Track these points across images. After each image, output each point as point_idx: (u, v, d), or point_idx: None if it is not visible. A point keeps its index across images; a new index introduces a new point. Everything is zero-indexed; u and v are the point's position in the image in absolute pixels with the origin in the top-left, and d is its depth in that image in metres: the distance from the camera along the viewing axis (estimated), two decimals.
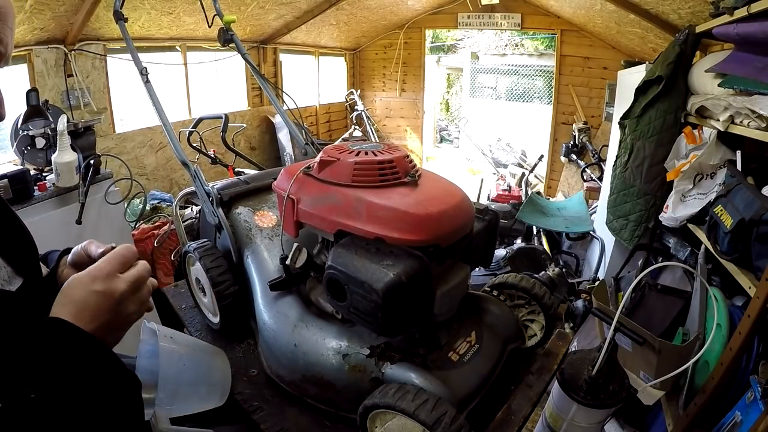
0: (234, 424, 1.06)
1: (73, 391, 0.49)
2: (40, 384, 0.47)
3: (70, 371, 0.49)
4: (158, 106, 1.43)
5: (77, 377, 0.50)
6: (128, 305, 0.56)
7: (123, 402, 0.54)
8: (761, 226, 1.21)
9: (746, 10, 1.51)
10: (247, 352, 1.25)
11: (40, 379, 0.47)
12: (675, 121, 2.03)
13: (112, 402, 0.52)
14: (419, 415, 0.81)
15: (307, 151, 1.66)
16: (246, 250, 1.29)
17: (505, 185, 4.92)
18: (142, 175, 3.63)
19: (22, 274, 0.64)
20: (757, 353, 1.19)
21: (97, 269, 0.56)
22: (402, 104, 6.39)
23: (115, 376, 0.54)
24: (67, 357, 0.50)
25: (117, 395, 0.53)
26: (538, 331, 1.23)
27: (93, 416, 0.50)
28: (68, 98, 3.00)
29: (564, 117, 5.14)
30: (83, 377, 0.50)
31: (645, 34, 3.44)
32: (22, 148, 2.02)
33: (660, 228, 2.16)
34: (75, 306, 0.53)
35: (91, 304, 0.53)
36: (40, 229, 1.78)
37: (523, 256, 3.01)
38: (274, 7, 4.04)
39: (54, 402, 0.47)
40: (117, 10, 1.50)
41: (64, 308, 0.53)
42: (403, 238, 0.90)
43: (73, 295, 0.54)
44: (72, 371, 0.49)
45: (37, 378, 0.47)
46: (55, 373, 0.48)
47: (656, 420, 1.52)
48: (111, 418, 0.52)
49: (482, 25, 5.46)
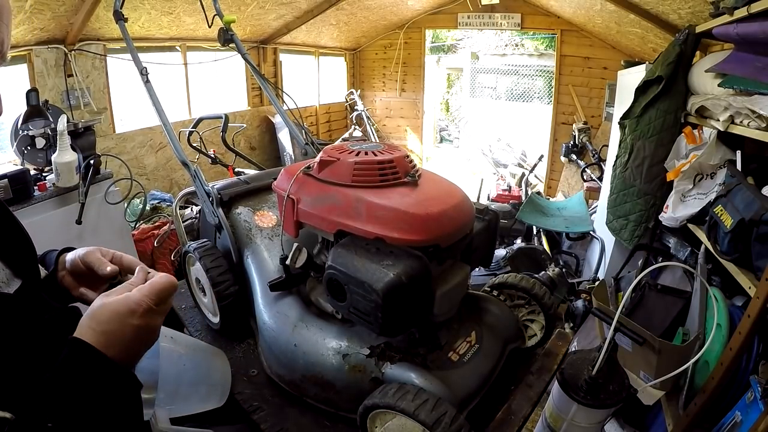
0: (234, 424, 1.05)
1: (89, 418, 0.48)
2: (60, 413, 0.46)
3: (92, 401, 0.49)
4: (158, 106, 1.43)
5: (97, 405, 0.49)
6: (157, 332, 0.56)
7: (123, 402, 0.54)
8: (761, 226, 1.21)
9: (746, 10, 1.51)
10: (247, 352, 1.25)
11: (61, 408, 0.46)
12: (675, 121, 2.03)
13: (112, 402, 0.52)
14: (419, 415, 0.81)
15: (307, 151, 1.66)
16: (246, 250, 1.29)
17: (505, 185, 4.92)
18: (142, 175, 3.63)
19: (21, 275, 0.64)
20: (757, 353, 1.19)
21: (137, 304, 0.53)
22: (402, 104, 6.39)
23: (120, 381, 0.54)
24: (91, 386, 0.49)
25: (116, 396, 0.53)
26: (538, 331, 1.23)
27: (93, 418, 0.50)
28: (68, 98, 3.00)
29: (564, 117, 5.14)
30: (101, 403, 0.49)
31: (645, 34, 3.44)
32: (22, 148, 2.01)
33: (660, 228, 2.16)
34: (107, 336, 0.51)
35: (126, 337, 0.52)
36: (40, 229, 1.79)
37: (523, 256, 3.01)
38: (274, 7, 4.04)
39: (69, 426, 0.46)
40: (117, 10, 1.50)
41: (94, 334, 0.51)
42: (403, 238, 0.90)
43: (108, 325, 0.52)
44: (94, 401, 0.49)
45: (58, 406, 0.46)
46: (77, 404, 0.47)
47: (656, 420, 1.52)
48: (111, 418, 0.52)
49: (482, 25, 5.46)
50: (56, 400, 0.47)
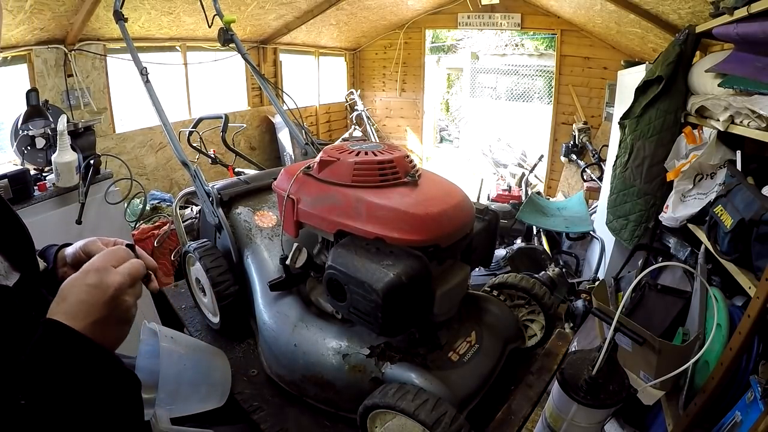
0: (234, 424, 1.05)
1: (66, 395, 0.48)
2: (30, 390, 0.46)
3: (62, 375, 0.48)
4: (158, 106, 1.43)
5: (70, 381, 0.48)
6: (125, 298, 0.55)
7: (123, 402, 0.54)
8: (761, 226, 1.21)
9: (746, 10, 1.51)
10: (247, 352, 1.25)
11: (30, 385, 0.46)
12: (675, 121, 2.03)
13: (112, 402, 0.52)
14: (419, 415, 0.81)
15: (307, 151, 1.66)
16: (246, 250, 1.29)
17: (505, 185, 4.92)
18: (142, 175, 3.63)
19: (20, 269, 0.64)
20: (757, 353, 1.19)
21: (90, 264, 0.55)
22: (402, 104, 6.39)
23: (114, 376, 0.53)
24: (59, 360, 0.48)
25: (116, 395, 0.53)
26: (538, 331, 1.23)
27: (91, 417, 0.49)
28: (68, 98, 3.00)
29: (564, 117, 5.14)
30: (77, 380, 0.49)
31: (645, 34, 3.44)
32: (22, 148, 2.02)
33: (660, 228, 2.16)
34: (69, 304, 0.52)
35: (85, 300, 0.52)
36: (40, 229, 1.79)
37: (523, 256, 3.01)
38: (274, 7, 4.04)
39: (45, 407, 0.46)
40: (117, 10, 1.50)
41: (58, 307, 0.52)
42: (403, 238, 0.90)
43: (68, 292, 0.53)
44: (64, 375, 0.48)
45: (27, 383, 0.46)
46: (46, 378, 0.47)
47: (656, 420, 1.52)
48: (111, 418, 0.52)
49: (482, 25, 5.46)
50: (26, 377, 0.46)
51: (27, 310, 0.57)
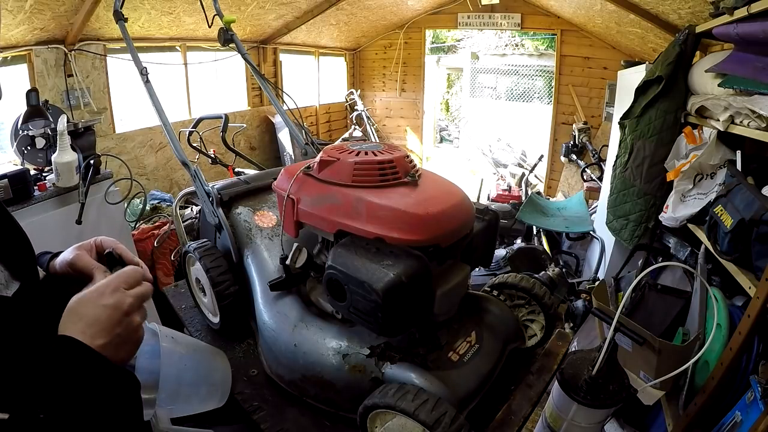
0: (234, 424, 1.06)
1: (80, 409, 0.49)
2: (49, 405, 0.47)
3: (79, 391, 0.49)
4: (158, 106, 1.43)
5: (86, 396, 0.50)
6: (135, 318, 0.57)
7: (123, 402, 0.54)
8: (761, 226, 1.21)
9: (746, 10, 1.51)
10: (247, 352, 1.25)
11: (50, 400, 0.47)
12: (675, 121, 2.03)
13: (112, 402, 0.52)
14: (419, 415, 0.81)
15: (307, 151, 1.66)
16: (246, 250, 1.29)
17: (505, 185, 4.92)
18: (142, 175, 3.63)
19: (19, 278, 0.64)
20: (757, 353, 1.19)
21: (104, 285, 0.56)
22: (402, 104, 6.39)
23: (115, 379, 0.54)
24: (78, 378, 0.50)
25: (116, 396, 0.53)
26: (538, 331, 1.23)
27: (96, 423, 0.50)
28: (68, 98, 3.00)
29: (564, 117, 5.14)
30: (92, 395, 0.50)
31: (645, 34, 3.44)
32: (22, 148, 2.01)
33: (660, 228, 2.16)
34: (85, 322, 0.53)
35: (101, 319, 0.53)
36: (40, 229, 1.79)
37: (523, 256, 3.01)
38: (274, 7, 4.04)
39: (61, 420, 0.47)
40: (117, 10, 1.50)
41: (75, 326, 0.52)
42: (403, 238, 0.90)
43: (83, 311, 0.54)
44: (81, 391, 0.49)
45: (47, 399, 0.47)
46: (64, 394, 0.48)
47: (656, 420, 1.52)
48: (111, 418, 0.52)
49: (482, 25, 5.46)
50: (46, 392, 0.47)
51: (27, 320, 0.58)
